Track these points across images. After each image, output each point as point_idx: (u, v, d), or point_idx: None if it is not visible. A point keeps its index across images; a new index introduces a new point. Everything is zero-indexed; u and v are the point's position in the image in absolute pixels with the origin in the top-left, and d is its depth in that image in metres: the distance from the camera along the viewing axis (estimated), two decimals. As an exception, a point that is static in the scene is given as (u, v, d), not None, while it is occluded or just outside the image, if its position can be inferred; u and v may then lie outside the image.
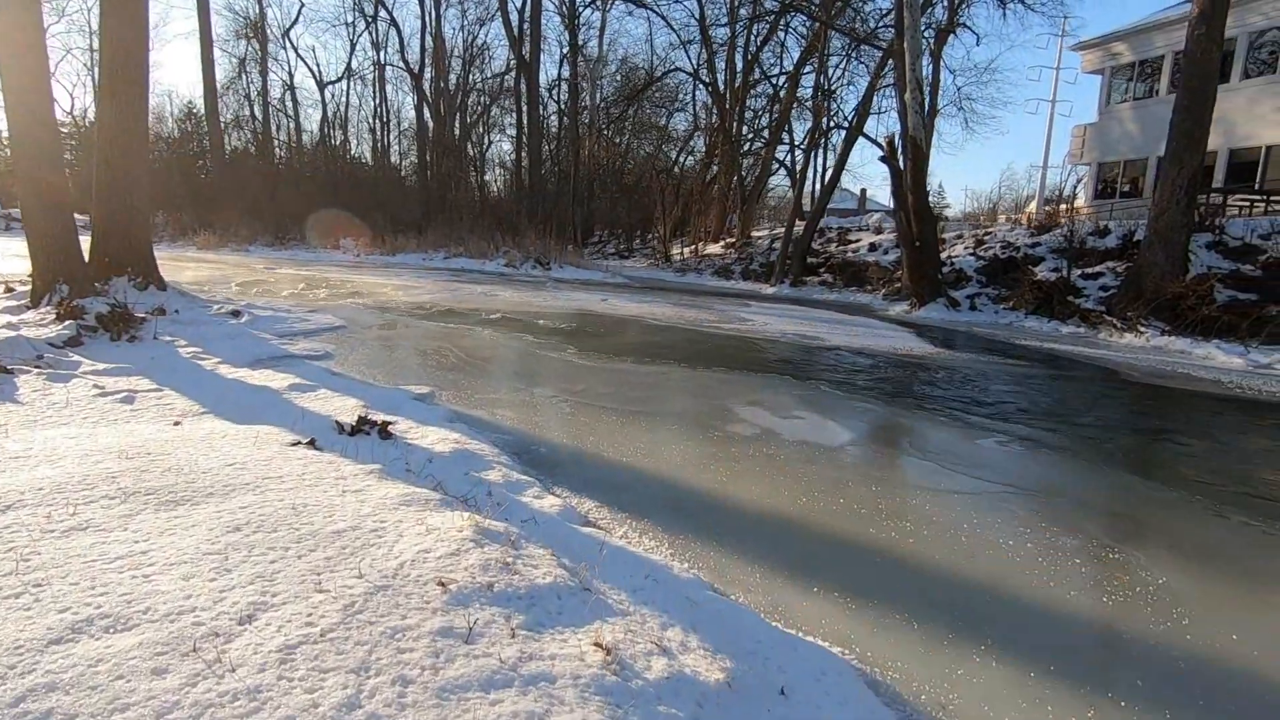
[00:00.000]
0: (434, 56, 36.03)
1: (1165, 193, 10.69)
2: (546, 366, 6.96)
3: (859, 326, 11.42)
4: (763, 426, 5.01)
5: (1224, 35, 10.55)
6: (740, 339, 9.40)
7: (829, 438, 4.83)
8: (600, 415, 5.10)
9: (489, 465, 3.58)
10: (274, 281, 14.84)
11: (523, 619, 1.74)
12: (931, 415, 5.52)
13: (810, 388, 6.43)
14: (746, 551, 2.99)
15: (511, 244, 25.25)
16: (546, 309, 12.05)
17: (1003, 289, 13.66)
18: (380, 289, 14.17)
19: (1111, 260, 12.51)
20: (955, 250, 15.71)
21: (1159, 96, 24.47)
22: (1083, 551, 3.13)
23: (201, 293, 10.93)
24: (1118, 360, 8.98)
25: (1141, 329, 10.50)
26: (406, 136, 43.50)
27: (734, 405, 5.60)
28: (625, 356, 7.57)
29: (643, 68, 33.06)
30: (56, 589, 1.69)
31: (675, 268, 25.09)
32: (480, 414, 5.01)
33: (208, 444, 3.25)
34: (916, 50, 12.80)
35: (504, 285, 17.11)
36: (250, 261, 22.44)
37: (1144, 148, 24.77)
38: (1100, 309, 11.49)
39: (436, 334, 8.70)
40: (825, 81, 22.21)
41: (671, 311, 12.46)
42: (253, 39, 36.96)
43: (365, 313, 10.41)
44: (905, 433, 5.10)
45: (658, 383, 6.41)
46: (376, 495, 2.60)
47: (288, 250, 27.82)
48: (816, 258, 19.50)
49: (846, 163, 19.37)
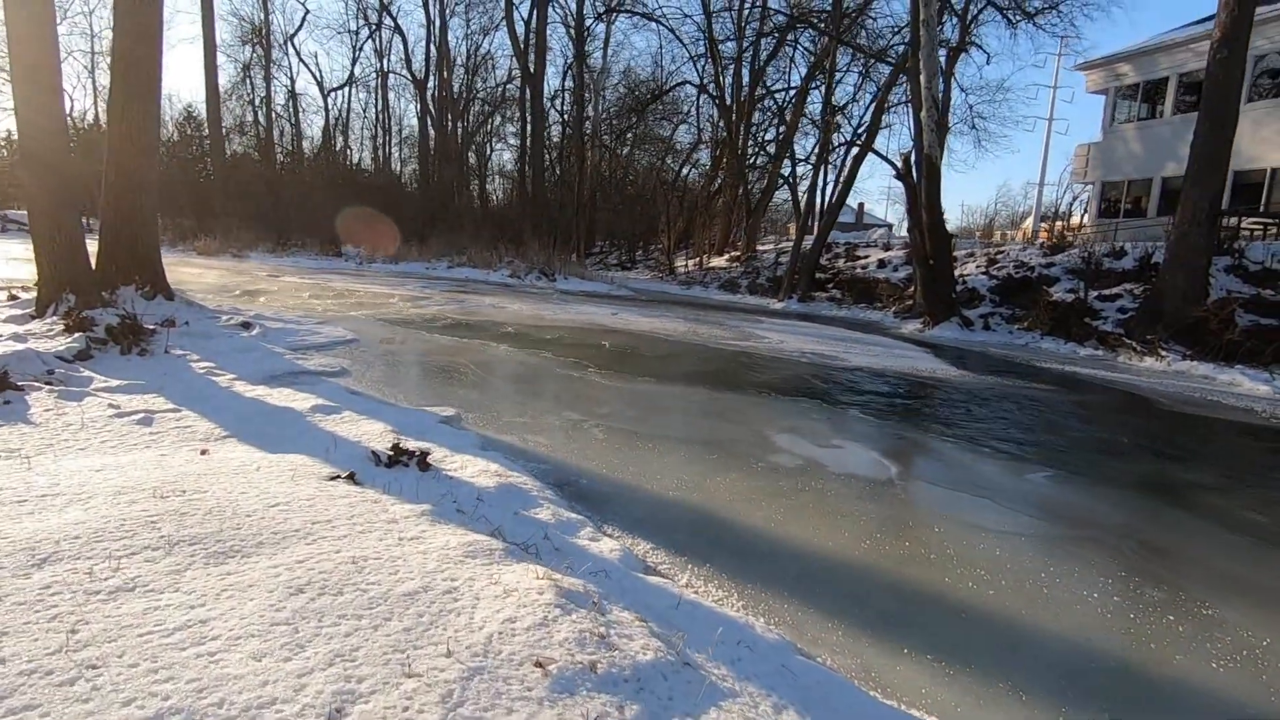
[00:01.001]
0: (438, 65, 36.02)
1: (1186, 215, 10.62)
2: (568, 386, 6.78)
3: (875, 346, 11.28)
4: (805, 456, 4.83)
5: (1246, 57, 10.53)
6: (759, 358, 9.24)
7: (876, 471, 4.66)
8: (635, 443, 4.92)
9: (537, 503, 3.39)
10: (278, 290, 14.63)
11: (636, 709, 1.56)
12: (974, 446, 5.36)
13: (842, 413, 6.26)
14: (821, 604, 2.80)
15: (515, 254, 25.10)
16: (557, 322, 11.87)
17: (1017, 309, 13.57)
18: (387, 300, 13.97)
19: (1129, 282, 12.43)
20: (967, 269, 15.64)
21: (1163, 118, 24.60)
22: (1174, 606, 2.96)
23: (209, 302, 10.72)
24: (1143, 386, 8.85)
25: (1162, 353, 10.39)
26: (408, 144, 43.47)
27: (770, 432, 5.43)
28: (647, 376, 7.39)
29: (647, 80, 33.11)
30: (115, 673, 1.50)
31: (680, 281, 24.99)
32: (511, 440, 4.82)
33: (244, 478, 3.05)
34: (933, 68, 12.75)
35: (510, 296, 16.94)
36: (252, 268, 22.21)
37: (1148, 168, 24.86)
38: (1118, 331, 11.39)
39: (451, 349, 8.51)
40: (833, 98, 22.21)
41: (684, 327, 12.30)
42: (257, 44, 36.88)
43: (375, 325, 10.21)
44: (952, 465, 4.93)
45: (686, 406, 6.24)
46: (437, 544, 2.41)
47: (289, 257, 27.58)
48: (824, 273, 19.41)
49: (856, 178, 19.33)
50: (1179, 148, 23.95)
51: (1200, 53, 23.41)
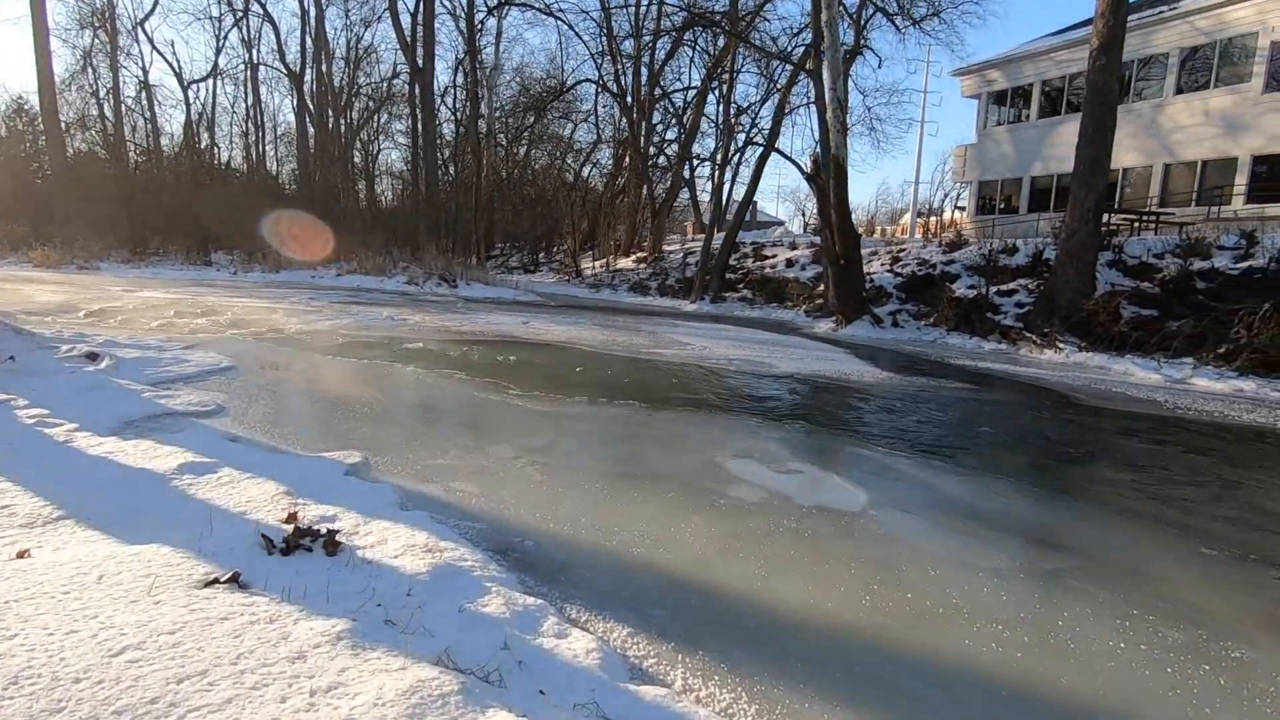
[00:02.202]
0: (315, 57, 33.56)
1: (1075, 214, 11.20)
2: (490, 413, 6.07)
3: (797, 349, 11.19)
4: (767, 487, 4.41)
5: (1121, 65, 11.22)
6: (688, 367, 8.84)
7: (845, 500, 4.30)
8: (579, 483, 4.33)
9: (483, 588, 2.74)
10: (136, 308, 12.82)
11: None
12: (926, 459, 5.15)
13: (789, 429, 5.93)
14: (845, 700, 2.35)
15: (411, 259, 23.63)
16: (466, 335, 11.01)
17: (922, 305, 13.97)
18: (268, 315, 12.54)
19: (1023, 278, 13.04)
20: (873, 267, 16.01)
21: (1030, 121, 26.50)
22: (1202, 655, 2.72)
23: (45, 327, 9.09)
24: (1053, 380, 9.17)
25: (1060, 345, 10.89)
26: (284, 142, 40.37)
27: (721, 459, 4.99)
28: (573, 395, 6.79)
29: (543, 78, 32.22)
30: None
31: (588, 283, 24.40)
32: (435, 491, 4.11)
33: (77, 602, 2.23)
34: (837, 69, 12.85)
35: (410, 307, 15.76)
36: (104, 281, 19.61)
37: (1019, 167, 26.72)
38: (1018, 325, 11.89)
39: (350, 373, 7.55)
40: (734, 97, 22.32)
41: (602, 335, 11.75)
42: (99, 29, 32.89)
43: (256, 347, 9.00)
44: (918, 486, 4.66)
45: (626, 432, 5.70)
46: (368, 696, 1.75)
47: (149, 267, 24.68)
48: (734, 273, 19.42)
49: (761, 178, 19.45)
50: (1044, 149, 25.93)
51: (1060, 61, 25.40)
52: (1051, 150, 25.50)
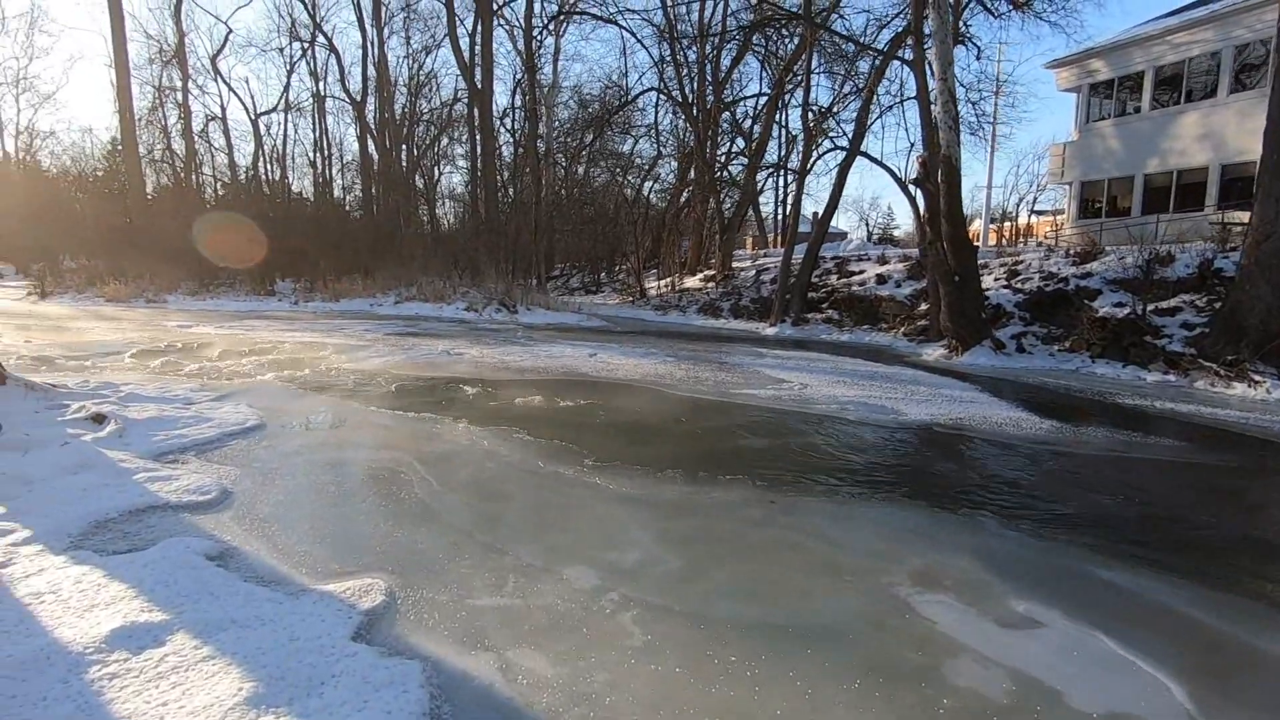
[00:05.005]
0: (377, 86, 33.66)
1: (1267, 215, 9.03)
2: (561, 500, 4.61)
3: (916, 385, 9.37)
4: (998, 662, 2.76)
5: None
6: (793, 415, 7.20)
7: (1145, 697, 2.61)
8: (697, 651, 2.78)
9: None
10: (184, 347, 12.08)
11: None
12: (1231, 595, 3.37)
13: (977, 527, 4.24)
14: None
15: (471, 284, 22.76)
16: (529, 373, 9.68)
17: (1053, 327, 11.89)
18: (318, 352, 11.56)
19: (1187, 293, 10.84)
20: (985, 282, 13.98)
21: (1141, 113, 23.79)
22: None
23: (70, 377, 8.22)
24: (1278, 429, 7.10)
25: (1257, 379, 8.72)
26: (351, 169, 40.82)
27: (901, 590, 3.36)
28: (664, 467, 5.27)
29: (601, 95, 31.22)
30: None
31: (653, 305, 22.97)
32: (487, 674, 2.64)
33: None
34: (947, 55, 11.06)
35: (469, 338, 14.65)
36: (164, 317, 19.38)
37: (1129, 165, 24.01)
38: (1190, 352, 9.73)
39: (391, 436, 6.24)
40: (814, 100, 20.61)
41: (680, 370, 10.23)
42: (173, 66, 33.87)
43: (293, 397, 7.87)
44: (1242, 655, 2.92)
45: (744, 535, 4.11)
46: None
47: (213, 300, 24.67)
48: (816, 292, 17.61)
49: (845, 186, 17.63)
50: (1161, 143, 23.14)
51: (1178, 45, 22.71)
52: (1171, 144, 22.77)
